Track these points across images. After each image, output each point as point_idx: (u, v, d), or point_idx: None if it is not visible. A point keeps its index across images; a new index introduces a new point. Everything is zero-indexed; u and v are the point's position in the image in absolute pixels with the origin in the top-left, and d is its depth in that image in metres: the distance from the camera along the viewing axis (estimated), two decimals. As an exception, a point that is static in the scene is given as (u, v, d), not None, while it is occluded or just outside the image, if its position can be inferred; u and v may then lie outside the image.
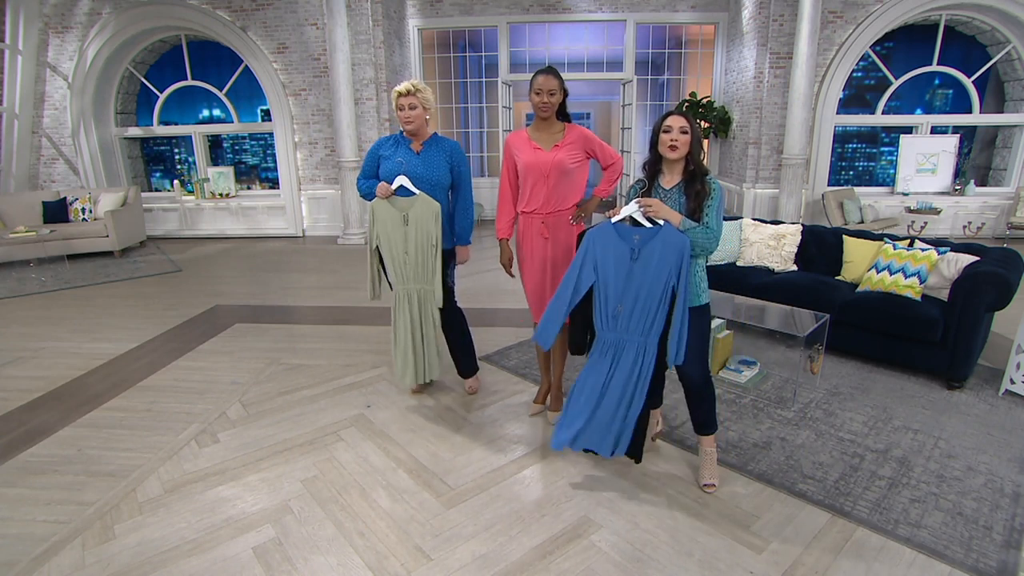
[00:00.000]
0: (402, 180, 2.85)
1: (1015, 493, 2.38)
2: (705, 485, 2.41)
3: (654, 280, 2.27)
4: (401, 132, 2.99)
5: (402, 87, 2.83)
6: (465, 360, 3.29)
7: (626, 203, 2.38)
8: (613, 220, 2.35)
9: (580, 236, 2.60)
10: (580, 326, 2.53)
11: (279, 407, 3.21)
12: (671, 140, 2.24)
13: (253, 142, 11.13)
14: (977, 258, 3.51)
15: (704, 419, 2.44)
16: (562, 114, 2.75)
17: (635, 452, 2.45)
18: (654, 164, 2.36)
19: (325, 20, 7.27)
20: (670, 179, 2.34)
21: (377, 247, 2.98)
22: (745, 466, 2.59)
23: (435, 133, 2.99)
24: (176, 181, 8.93)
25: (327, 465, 2.65)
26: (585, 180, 2.83)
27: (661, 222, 2.27)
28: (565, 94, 2.71)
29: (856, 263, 3.94)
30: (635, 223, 2.32)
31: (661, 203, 2.25)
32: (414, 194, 2.86)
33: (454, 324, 3.18)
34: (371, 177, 3.04)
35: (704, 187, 2.24)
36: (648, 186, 2.37)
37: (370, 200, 2.95)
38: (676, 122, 2.24)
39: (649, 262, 2.27)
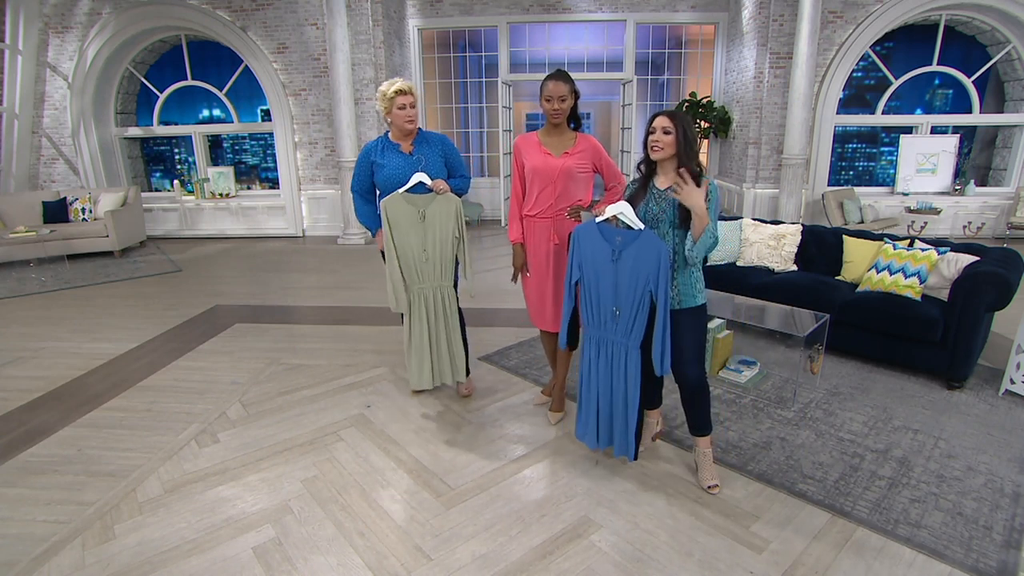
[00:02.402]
0: (421, 176, 2.82)
1: (1015, 493, 2.38)
2: (709, 487, 2.41)
3: (630, 284, 2.30)
4: (386, 135, 2.93)
5: (402, 85, 2.76)
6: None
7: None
8: (598, 219, 2.37)
9: (571, 235, 2.61)
10: (572, 321, 2.58)
11: (279, 407, 3.21)
12: (653, 142, 2.23)
13: (253, 142, 11.13)
14: (977, 258, 3.51)
15: (700, 420, 2.44)
16: (573, 118, 2.72)
17: (635, 452, 2.49)
18: (649, 164, 2.34)
19: (325, 20, 7.27)
20: (664, 180, 2.32)
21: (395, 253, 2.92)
22: (745, 466, 2.59)
23: (420, 129, 2.96)
24: (176, 181, 8.93)
25: (327, 465, 2.65)
26: (591, 186, 2.82)
27: (641, 226, 2.27)
28: (576, 96, 2.68)
29: (856, 263, 3.94)
30: (625, 224, 2.33)
31: (693, 190, 2.11)
32: (431, 190, 2.84)
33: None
34: (366, 185, 2.98)
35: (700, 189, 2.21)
36: (644, 186, 2.35)
37: (371, 230, 2.96)
38: (660, 123, 2.23)
39: (627, 265, 2.30)
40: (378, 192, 3.02)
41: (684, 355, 2.34)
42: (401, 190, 2.85)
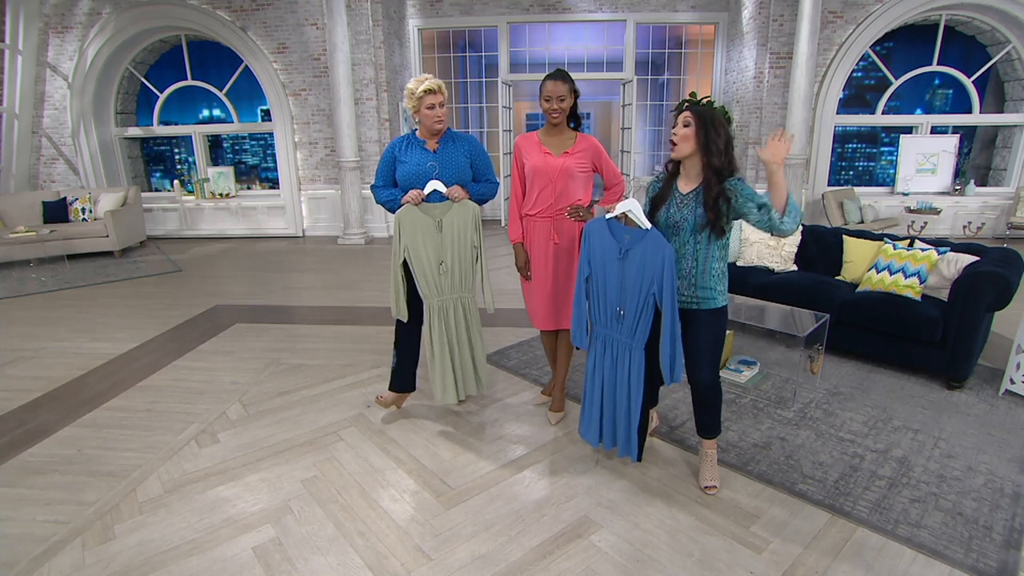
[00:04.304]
0: (436, 185, 2.69)
1: (1015, 493, 2.38)
2: (706, 487, 2.40)
3: (636, 284, 2.24)
4: (413, 132, 2.83)
5: (431, 84, 2.65)
6: None
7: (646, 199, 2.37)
8: (607, 216, 2.33)
9: (582, 231, 2.59)
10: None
11: (279, 407, 3.21)
12: (672, 134, 2.15)
13: (253, 142, 11.14)
14: (977, 258, 3.50)
15: (710, 423, 2.41)
16: (573, 117, 2.71)
17: (639, 453, 2.49)
18: (676, 163, 2.25)
19: (325, 20, 7.28)
20: (686, 183, 2.22)
21: (405, 260, 2.73)
22: (745, 466, 2.59)
23: (449, 128, 2.84)
24: (176, 181, 8.94)
25: (327, 465, 2.65)
26: (591, 186, 2.82)
27: (648, 225, 2.21)
28: (576, 96, 2.67)
29: (856, 263, 3.94)
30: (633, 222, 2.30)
31: (781, 167, 1.96)
32: (447, 198, 2.73)
33: None
34: (389, 184, 2.85)
35: (724, 193, 2.07)
36: (668, 186, 2.28)
37: (393, 211, 2.76)
38: (681, 117, 2.12)
39: (633, 264, 2.24)
40: (398, 188, 2.88)
41: (700, 356, 2.28)
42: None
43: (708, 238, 2.19)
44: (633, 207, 2.24)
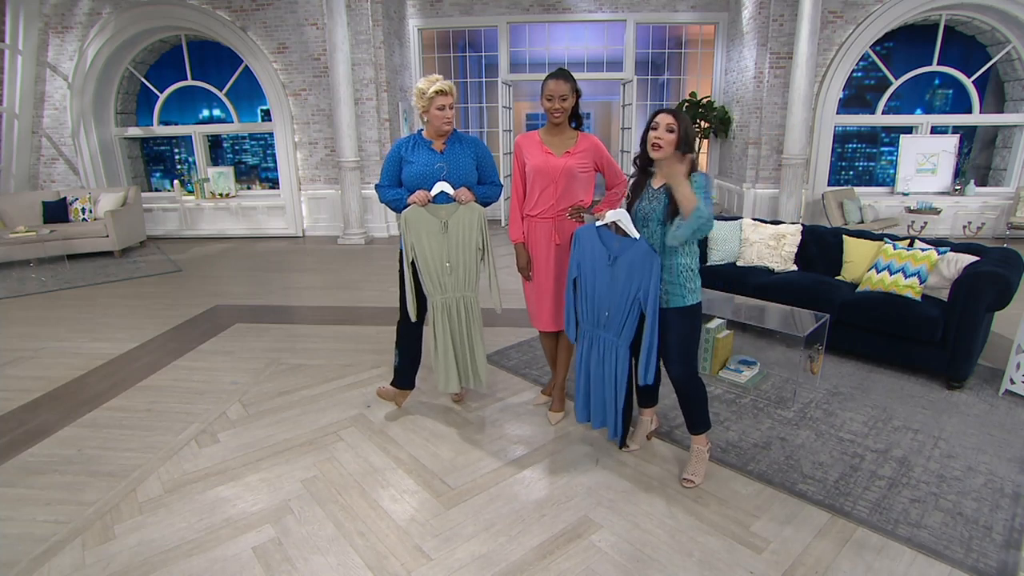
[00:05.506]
0: (443, 186, 2.70)
1: (1015, 493, 2.38)
2: (684, 479, 2.44)
3: (623, 289, 2.35)
4: (419, 132, 2.83)
5: (442, 85, 2.65)
6: None
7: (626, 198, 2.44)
8: (597, 224, 2.41)
9: (573, 235, 2.65)
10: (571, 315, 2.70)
11: (279, 407, 3.21)
12: (655, 138, 2.23)
13: (253, 142, 11.13)
14: (977, 258, 3.50)
15: (692, 419, 2.47)
16: (574, 116, 2.72)
17: (622, 440, 2.65)
18: (644, 160, 2.36)
19: (325, 20, 7.27)
20: (659, 178, 2.34)
21: (413, 260, 2.79)
22: (745, 466, 2.59)
23: (454, 129, 2.84)
24: (176, 181, 8.93)
25: (327, 465, 2.65)
26: (593, 186, 2.83)
27: (637, 235, 2.31)
28: (578, 95, 2.67)
29: (856, 263, 3.94)
30: (620, 230, 2.39)
31: (678, 175, 2.12)
32: (453, 199, 2.75)
33: None
34: (394, 183, 2.83)
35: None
36: (640, 184, 2.40)
37: (399, 210, 2.77)
38: (663, 119, 2.22)
39: (621, 271, 2.34)
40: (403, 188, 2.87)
41: (668, 354, 2.38)
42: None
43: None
44: (623, 216, 2.34)
